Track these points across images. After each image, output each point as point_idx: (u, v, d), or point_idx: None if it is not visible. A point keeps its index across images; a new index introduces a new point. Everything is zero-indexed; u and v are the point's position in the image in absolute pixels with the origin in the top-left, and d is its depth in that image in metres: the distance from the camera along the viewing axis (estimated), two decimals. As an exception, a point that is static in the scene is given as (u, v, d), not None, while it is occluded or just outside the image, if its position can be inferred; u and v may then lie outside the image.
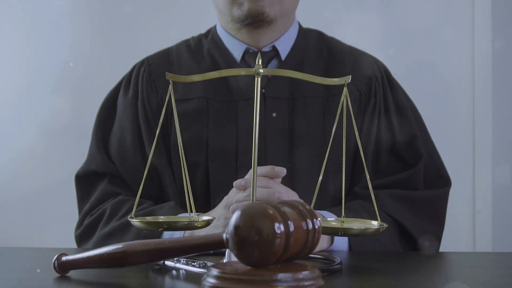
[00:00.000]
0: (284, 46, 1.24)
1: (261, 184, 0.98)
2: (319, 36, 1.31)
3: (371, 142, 1.21)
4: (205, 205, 1.14)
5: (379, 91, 1.24)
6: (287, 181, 1.13)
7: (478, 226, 1.94)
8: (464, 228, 1.94)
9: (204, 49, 1.27)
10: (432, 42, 1.97)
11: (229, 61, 1.22)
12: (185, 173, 0.88)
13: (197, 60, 1.25)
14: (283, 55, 1.24)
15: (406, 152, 1.22)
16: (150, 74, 1.25)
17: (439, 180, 1.24)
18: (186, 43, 1.30)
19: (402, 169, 1.21)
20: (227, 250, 0.75)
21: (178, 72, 1.22)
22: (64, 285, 0.72)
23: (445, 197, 1.25)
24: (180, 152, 0.89)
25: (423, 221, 1.17)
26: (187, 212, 0.89)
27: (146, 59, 1.28)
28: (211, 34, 1.29)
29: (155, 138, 0.90)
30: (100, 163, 1.23)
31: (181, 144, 0.89)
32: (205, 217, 0.88)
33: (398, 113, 1.25)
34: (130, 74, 1.28)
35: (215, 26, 1.29)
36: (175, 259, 0.81)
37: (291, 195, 1.03)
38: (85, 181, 1.24)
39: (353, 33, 1.91)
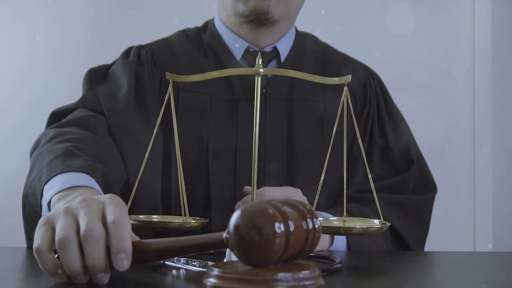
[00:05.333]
0: (284, 47, 1.24)
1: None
2: (314, 40, 1.32)
3: (364, 148, 1.22)
4: (204, 203, 1.14)
5: (373, 98, 1.27)
6: (287, 182, 1.14)
7: (478, 226, 1.94)
8: (464, 228, 1.94)
9: (203, 43, 1.25)
10: (432, 42, 1.98)
11: (231, 59, 1.22)
12: (180, 175, 0.88)
13: (200, 52, 1.24)
14: (283, 57, 1.24)
15: (399, 159, 1.23)
16: (152, 55, 1.21)
17: (426, 187, 1.26)
18: (183, 33, 1.28)
19: (393, 174, 1.22)
20: (227, 249, 0.75)
21: (182, 59, 1.21)
22: (63, 285, 0.72)
23: (431, 202, 1.26)
24: (177, 153, 0.89)
25: (411, 225, 1.18)
26: None
27: (145, 45, 1.24)
28: (209, 28, 1.27)
29: (153, 136, 0.90)
30: (87, 100, 1.14)
31: (178, 144, 0.89)
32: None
33: (391, 120, 1.27)
34: (127, 52, 1.23)
35: (212, 20, 1.28)
36: (175, 259, 0.81)
37: (293, 192, 1.03)
38: (62, 115, 1.13)
39: (351, 32, 1.92)
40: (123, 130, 1.10)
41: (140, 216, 0.92)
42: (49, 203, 0.87)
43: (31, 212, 0.95)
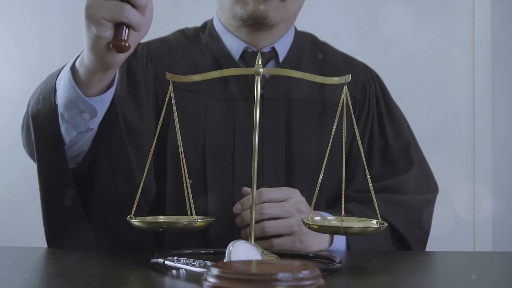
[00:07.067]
0: (282, 48, 1.24)
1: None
2: (313, 40, 1.32)
3: (364, 148, 1.22)
4: (202, 203, 1.13)
5: (372, 97, 1.26)
6: (285, 183, 1.14)
7: (478, 226, 1.94)
8: (464, 228, 1.94)
9: (202, 43, 1.25)
10: (432, 42, 1.98)
11: (229, 60, 1.22)
12: (185, 175, 0.88)
13: (198, 51, 1.23)
14: (281, 57, 1.24)
15: (399, 158, 1.23)
16: (148, 51, 1.20)
17: (427, 187, 1.25)
18: (182, 33, 1.28)
19: (393, 174, 1.22)
20: (227, 249, 0.75)
21: (179, 58, 1.21)
22: (62, 285, 0.72)
23: (432, 202, 1.26)
24: (180, 153, 0.89)
25: (412, 225, 1.18)
26: None
27: (143, 42, 1.22)
28: (208, 29, 1.27)
29: (155, 140, 0.90)
30: None
31: (181, 146, 0.89)
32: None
33: (391, 120, 1.26)
34: None
35: (211, 21, 1.28)
36: (175, 258, 0.81)
37: (291, 193, 1.03)
38: None
39: (347, 35, 1.92)
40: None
41: (147, 218, 0.92)
42: (73, 70, 0.93)
43: (46, 122, 0.97)
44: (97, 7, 0.83)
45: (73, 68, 0.94)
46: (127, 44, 0.85)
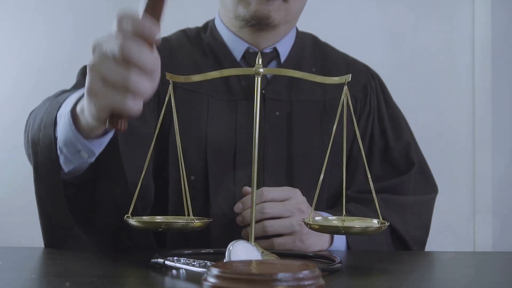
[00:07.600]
0: (284, 48, 1.24)
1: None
2: (314, 41, 1.32)
3: (364, 148, 1.22)
4: (203, 203, 1.14)
5: (373, 98, 1.26)
6: (286, 183, 1.14)
7: (478, 226, 1.94)
8: (464, 228, 1.94)
9: (203, 43, 1.25)
10: (432, 41, 1.98)
11: (231, 60, 1.22)
12: (183, 175, 0.88)
13: (199, 52, 1.24)
14: (282, 58, 1.24)
15: (400, 159, 1.23)
16: None
17: (426, 188, 1.26)
18: (183, 33, 1.28)
19: (393, 175, 1.22)
20: (227, 249, 0.75)
21: (180, 58, 1.21)
22: (62, 285, 0.72)
23: (431, 203, 1.26)
24: (179, 154, 0.88)
25: (411, 226, 1.18)
26: None
27: None
28: (209, 29, 1.27)
29: (154, 139, 0.89)
30: (79, 85, 1.08)
31: (180, 146, 0.89)
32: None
33: (392, 121, 1.27)
34: None
35: (213, 21, 1.28)
36: (175, 258, 0.81)
37: (292, 193, 1.04)
38: None
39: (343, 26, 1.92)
40: None
41: (144, 218, 0.91)
42: (73, 112, 0.88)
43: (44, 152, 0.94)
44: (98, 94, 0.75)
45: (73, 111, 0.90)
46: (122, 128, 0.77)
